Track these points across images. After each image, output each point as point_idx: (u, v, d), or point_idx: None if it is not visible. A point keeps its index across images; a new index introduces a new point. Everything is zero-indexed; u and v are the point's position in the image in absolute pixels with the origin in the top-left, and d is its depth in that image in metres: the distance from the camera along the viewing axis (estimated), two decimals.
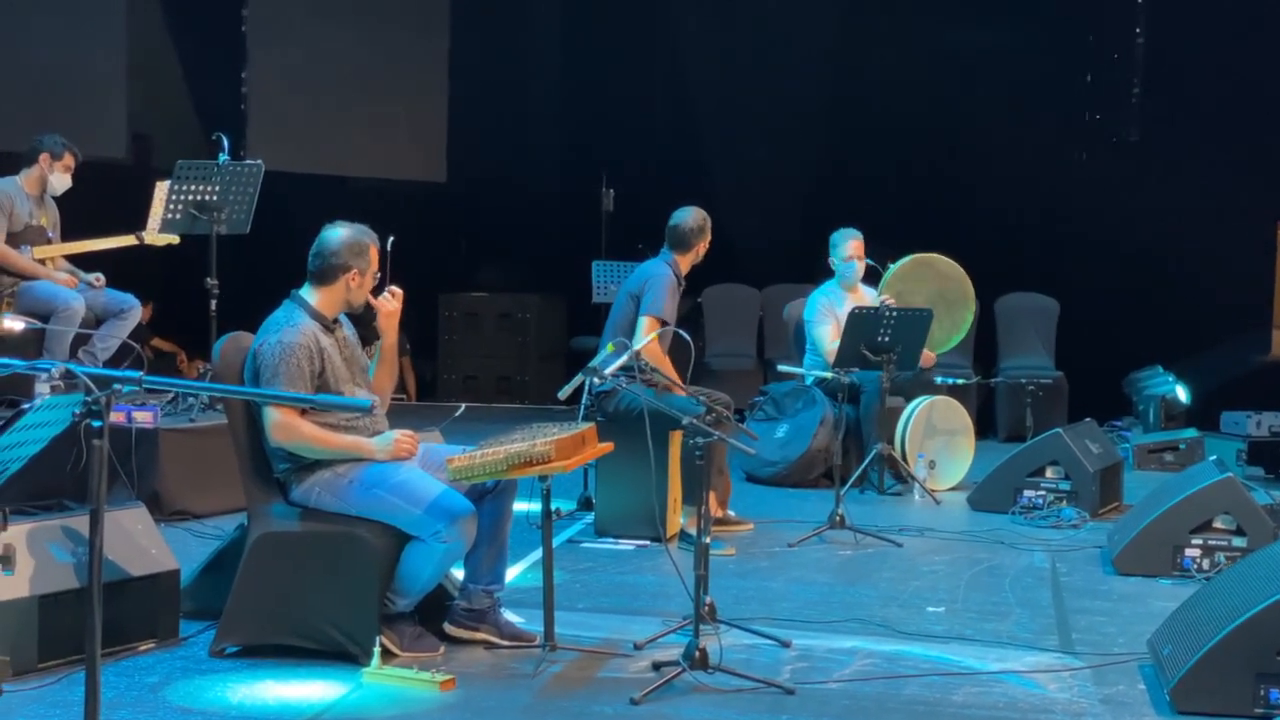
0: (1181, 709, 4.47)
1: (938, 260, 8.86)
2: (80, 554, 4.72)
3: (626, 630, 5.26)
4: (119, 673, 4.65)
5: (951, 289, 8.87)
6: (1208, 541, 6.37)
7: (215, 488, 7.08)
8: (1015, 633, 5.50)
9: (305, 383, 4.83)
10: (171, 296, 11.20)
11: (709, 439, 4.89)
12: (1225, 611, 4.54)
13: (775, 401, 9.08)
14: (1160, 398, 10.77)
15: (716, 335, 12.34)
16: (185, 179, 7.75)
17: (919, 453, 8.59)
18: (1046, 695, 4.72)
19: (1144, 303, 11.56)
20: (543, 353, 12.91)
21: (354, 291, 5.07)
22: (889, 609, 5.82)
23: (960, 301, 8.90)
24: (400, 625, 4.91)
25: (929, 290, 8.77)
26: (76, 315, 7.54)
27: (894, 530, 7.32)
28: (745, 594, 5.97)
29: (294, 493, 4.91)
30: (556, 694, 4.63)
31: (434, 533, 4.77)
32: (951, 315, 8.89)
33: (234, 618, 4.87)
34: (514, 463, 4.72)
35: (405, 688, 4.59)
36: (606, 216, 11.28)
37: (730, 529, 7.27)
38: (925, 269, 8.82)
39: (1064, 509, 7.78)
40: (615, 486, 7.00)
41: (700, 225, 7.26)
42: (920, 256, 8.84)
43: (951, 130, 12.01)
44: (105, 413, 3.15)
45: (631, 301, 7.11)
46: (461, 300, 13.03)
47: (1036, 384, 10.53)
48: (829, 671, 4.90)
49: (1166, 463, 9.69)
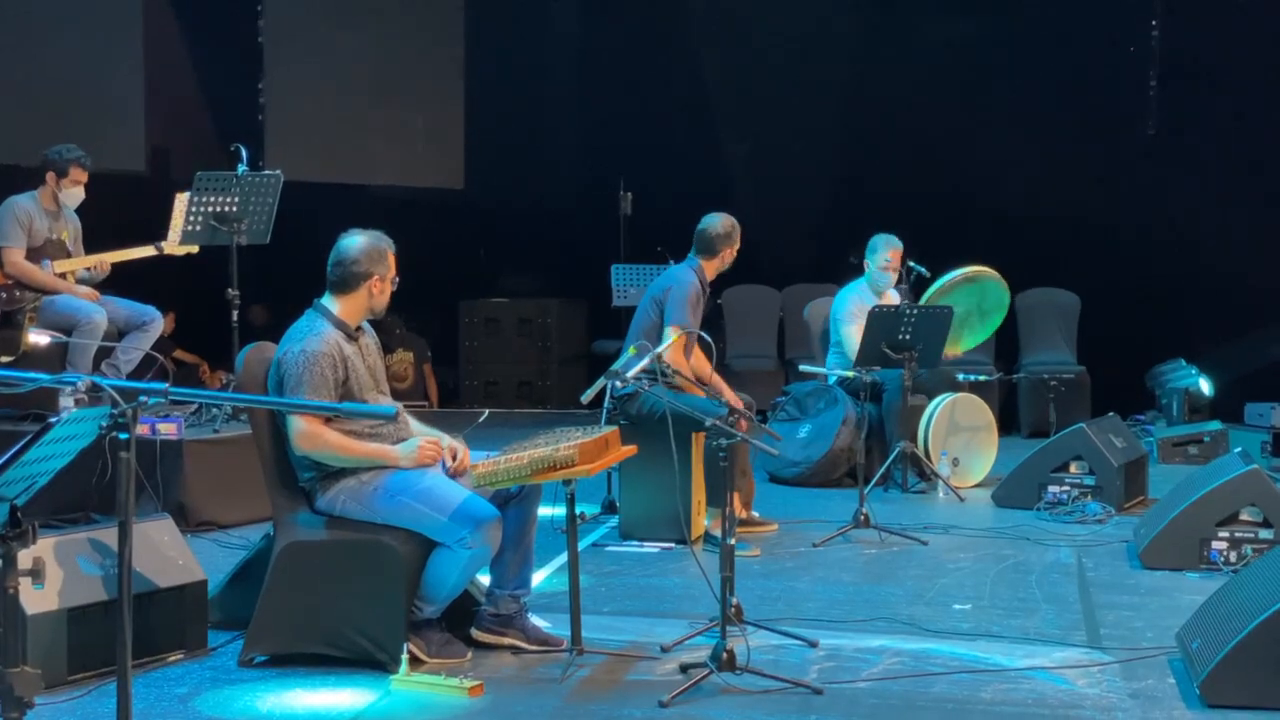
0: (1212, 702, 4.45)
1: (982, 275, 8.82)
2: (108, 566, 4.74)
3: (653, 633, 5.26)
4: (148, 684, 4.67)
5: (990, 300, 8.89)
6: (1234, 534, 6.35)
7: (241, 498, 7.11)
8: (1043, 629, 5.49)
9: (329, 391, 4.84)
10: (193, 308, 11.23)
11: (732, 440, 4.89)
12: (1254, 604, 4.52)
13: (797, 401, 9.08)
14: (1183, 391, 10.74)
15: (737, 336, 12.33)
16: (205, 190, 7.78)
17: (942, 450, 8.57)
18: (1075, 691, 4.71)
19: (1165, 296, 11.52)
20: (564, 357, 12.92)
21: (376, 298, 5.07)
22: (915, 607, 5.81)
23: (996, 309, 8.93)
24: (427, 632, 4.92)
25: (968, 305, 8.79)
26: (99, 328, 7.57)
27: (919, 528, 7.31)
28: (771, 595, 5.97)
29: (319, 501, 4.92)
30: (585, 698, 4.63)
31: (459, 539, 4.78)
32: (984, 320, 8.92)
33: (262, 627, 4.89)
34: (538, 468, 4.73)
35: (434, 694, 4.60)
36: (625, 220, 11.28)
37: (755, 530, 7.26)
38: (970, 284, 8.80)
39: (1089, 504, 7.75)
40: (639, 490, 7.00)
41: (728, 232, 7.24)
42: (968, 273, 8.78)
43: (970, 128, 11.98)
44: (132, 425, 3.16)
45: (654, 306, 7.11)
46: (482, 306, 13.05)
47: (1059, 379, 10.49)
48: (857, 671, 4.90)
49: (1191, 456, 9.65)
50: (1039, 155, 11.77)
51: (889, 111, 12.23)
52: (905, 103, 12.14)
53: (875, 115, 12.31)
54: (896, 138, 12.12)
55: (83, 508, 6.61)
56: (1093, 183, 11.80)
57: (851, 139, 12.40)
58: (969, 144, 11.94)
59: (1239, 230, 11.43)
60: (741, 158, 12.60)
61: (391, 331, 12.01)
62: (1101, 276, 11.65)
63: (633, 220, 11.26)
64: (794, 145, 12.42)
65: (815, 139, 12.44)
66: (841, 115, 12.49)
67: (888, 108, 12.24)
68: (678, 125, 12.67)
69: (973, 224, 11.32)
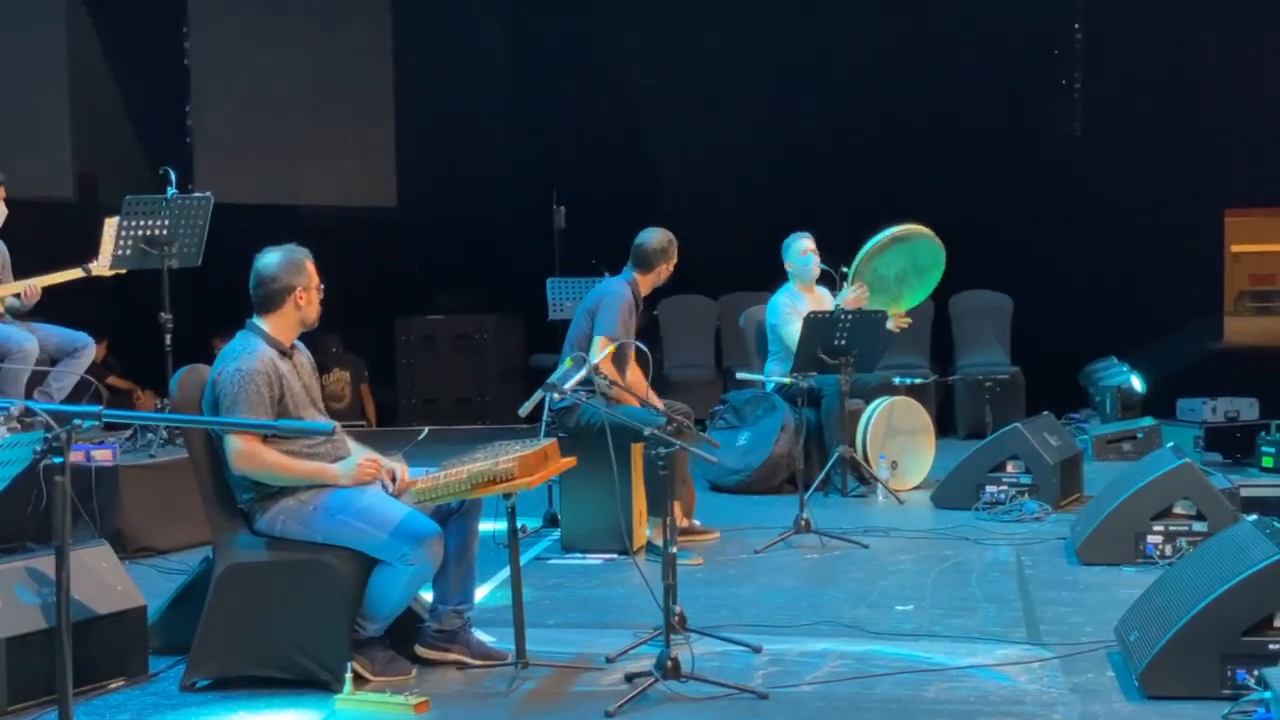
0: (1150, 694, 4.51)
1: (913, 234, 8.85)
2: (46, 594, 4.69)
3: (598, 644, 5.26)
4: (90, 712, 4.62)
5: (924, 257, 8.91)
6: (1169, 527, 6.43)
7: (179, 522, 7.04)
8: (984, 627, 5.54)
9: (266, 409, 4.82)
10: (125, 334, 11.14)
11: (671, 449, 4.90)
12: (1190, 595, 4.58)
13: (736, 409, 9.11)
14: (1116, 388, 10.86)
15: (674, 346, 12.36)
16: (134, 214, 7.71)
17: (880, 454, 8.62)
18: (1017, 687, 4.76)
19: (1096, 295, 11.67)
20: (501, 372, 12.89)
21: (305, 309, 5.05)
22: (858, 610, 5.85)
23: (932, 266, 8.95)
24: (371, 650, 4.90)
25: (902, 264, 8.83)
26: (30, 355, 7.47)
27: (859, 532, 7.35)
28: (715, 602, 5.99)
29: (259, 523, 4.90)
30: (531, 711, 4.63)
31: (401, 556, 4.77)
32: (923, 278, 8.97)
33: (203, 651, 4.85)
34: (477, 482, 4.72)
35: (379, 712, 4.58)
36: (559, 233, 11.29)
37: (696, 538, 7.28)
38: (900, 244, 8.84)
39: (1026, 502, 7.83)
40: (580, 502, 7.00)
41: (664, 247, 7.26)
42: (896, 233, 8.82)
43: (896, 134, 12.08)
44: (66, 449, 3.14)
45: (588, 318, 7.12)
46: (418, 324, 13.00)
47: (994, 380, 10.59)
48: (801, 674, 4.92)
49: (1125, 452, 9.76)
50: (965, 158, 11.87)
51: (815, 119, 12.30)
52: (831, 110, 12.22)
53: (802, 123, 12.38)
54: (824, 144, 12.19)
55: (19, 537, 6.53)
56: (1020, 185, 11.90)
57: (779, 148, 12.44)
58: (895, 149, 12.04)
59: (1167, 228, 11.59)
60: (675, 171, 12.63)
61: (328, 351, 11.95)
62: (1032, 278, 11.77)
63: (567, 234, 11.28)
64: (724, 156, 12.46)
65: (745, 149, 12.48)
66: (769, 124, 12.54)
67: (814, 115, 12.31)
68: (609, 138, 12.69)
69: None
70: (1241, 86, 11.55)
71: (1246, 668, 4.40)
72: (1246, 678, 4.39)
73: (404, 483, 4.95)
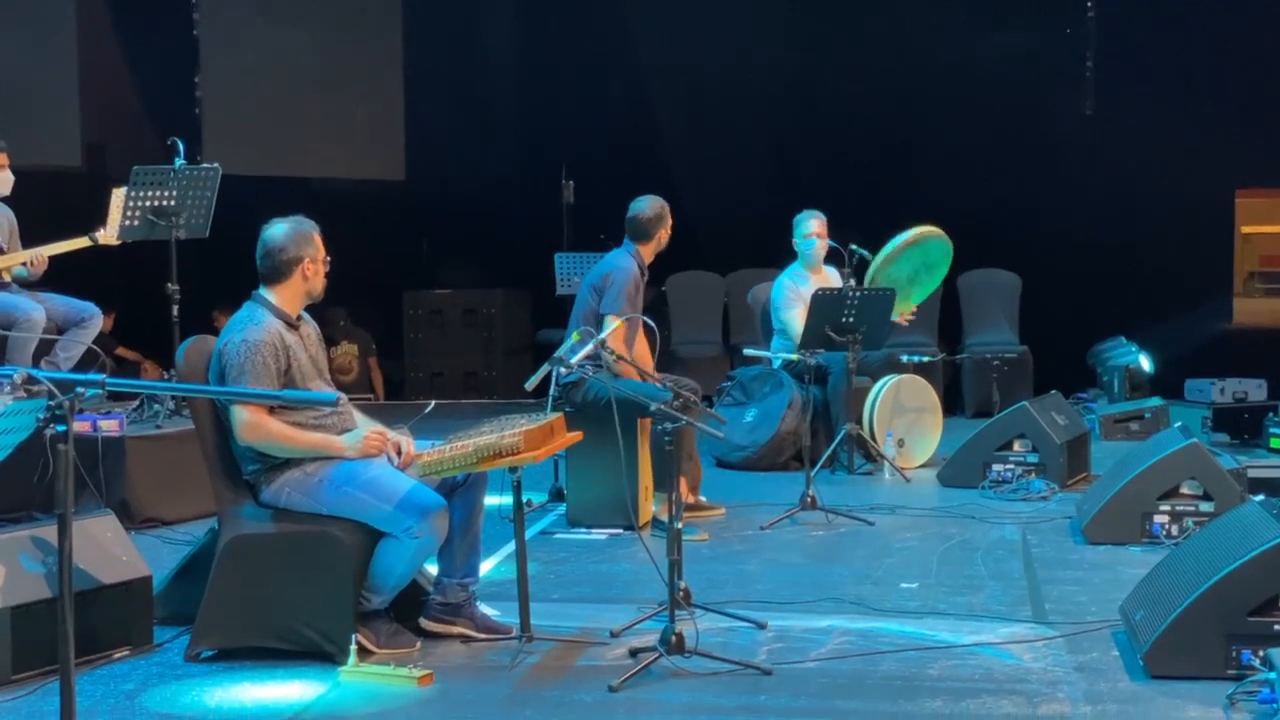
0: (1155, 673, 4.51)
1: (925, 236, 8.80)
2: (50, 564, 4.70)
3: (602, 619, 5.26)
4: (95, 681, 4.63)
5: (933, 255, 8.88)
6: (1175, 507, 6.42)
7: (184, 493, 7.04)
8: (989, 605, 5.54)
9: (272, 380, 4.82)
10: (133, 304, 11.13)
11: (677, 424, 4.89)
12: (1195, 575, 4.57)
13: (742, 386, 9.10)
14: (1124, 368, 10.84)
15: (682, 322, 12.34)
16: (142, 185, 7.70)
17: (887, 431, 8.61)
18: (1021, 665, 4.76)
19: (1105, 275, 11.62)
20: (509, 347, 12.88)
21: (311, 280, 5.05)
22: (863, 587, 5.84)
23: (941, 262, 8.93)
24: (376, 622, 4.90)
25: (914, 265, 8.80)
26: (38, 325, 7.47)
27: (865, 509, 7.34)
28: (720, 578, 5.99)
29: (264, 494, 4.90)
30: (535, 684, 4.63)
31: (406, 528, 4.77)
32: (931, 274, 8.95)
33: (208, 621, 4.86)
34: (483, 455, 4.72)
35: (383, 684, 4.59)
36: (567, 208, 11.26)
37: (702, 514, 7.28)
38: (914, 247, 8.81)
39: (1033, 481, 7.82)
40: (586, 476, 6.99)
41: (658, 214, 7.24)
42: (909, 239, 8.77)
43: (909, 110, 12.03)
44: (69, 416, 3.13)
45: (593, 293, 7.10)
46: (426, 298, 12.98)
47: (1002, 359, 10.57)
48: (805, 651, 4.92)
49: (1132, 432, 9.75)
50: (977, 137, 11.83)
51: (828, 96, 12.26)
52: (844, 87, 12.17)
53: (814, 100, 12.34)
54: (835, 122, 12.14)
55: (25, 507, 6.55)
56: (1031, 164, 11.87)
57: (792, 124, 12.42)
58: (905, 126, 11.99)
59: (1178, 208, 11.53)
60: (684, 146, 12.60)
61: (335, 324, 11.94)
62: (1042, 257, 11.73)
63: (575, 209, 11.24)
64: (734, 132, 12.43)
65: (755, 125, 12.45)
66: (781, 100, 12.50)
67: (826, 92, 12.26)
68: (618, 113, 12.65)
69: (912, 206, 11.32)
70: (1254, 67, 11.50)
71: (1251, 648, 4.39)
72: (1251, 658, 4.39)
73: (410, 456, 4.95)
